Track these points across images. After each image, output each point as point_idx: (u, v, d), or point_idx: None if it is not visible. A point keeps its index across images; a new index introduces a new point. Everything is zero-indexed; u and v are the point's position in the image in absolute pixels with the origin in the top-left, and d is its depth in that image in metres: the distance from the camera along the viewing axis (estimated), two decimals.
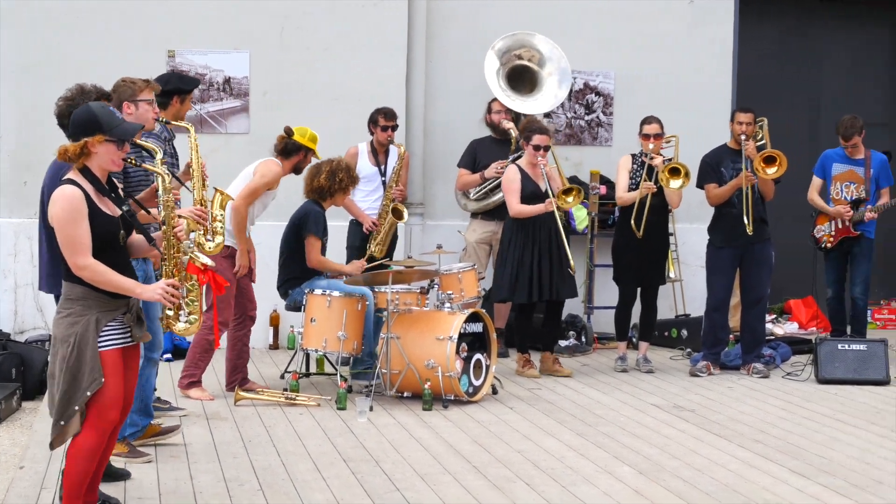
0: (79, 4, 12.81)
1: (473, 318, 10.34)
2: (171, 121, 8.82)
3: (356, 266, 10.99)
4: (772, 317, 14.09)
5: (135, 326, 6.41)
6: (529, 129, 11.39)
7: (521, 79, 13.12)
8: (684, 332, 13.23)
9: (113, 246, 6.28)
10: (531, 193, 11.28)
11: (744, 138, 11.49)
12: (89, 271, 6.13)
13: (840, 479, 7.86)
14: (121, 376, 6.29)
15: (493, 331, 10.54)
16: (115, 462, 7.68)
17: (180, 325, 6.69)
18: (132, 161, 6.84)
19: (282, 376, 11.08)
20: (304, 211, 10.83)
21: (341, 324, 10.27)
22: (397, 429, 9.23)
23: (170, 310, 6.61)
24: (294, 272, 10.82)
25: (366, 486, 7.59)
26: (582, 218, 13.29)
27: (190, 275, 6.67)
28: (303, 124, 10.69)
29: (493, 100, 12.86)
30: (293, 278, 10.83)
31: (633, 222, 11.58)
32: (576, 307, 13.30)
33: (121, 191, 6.74)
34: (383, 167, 12.36)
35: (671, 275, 12.84)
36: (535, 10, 13.72)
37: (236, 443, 8.72)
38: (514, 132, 12.41)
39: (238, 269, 10.21)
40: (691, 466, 8.17)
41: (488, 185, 12.58)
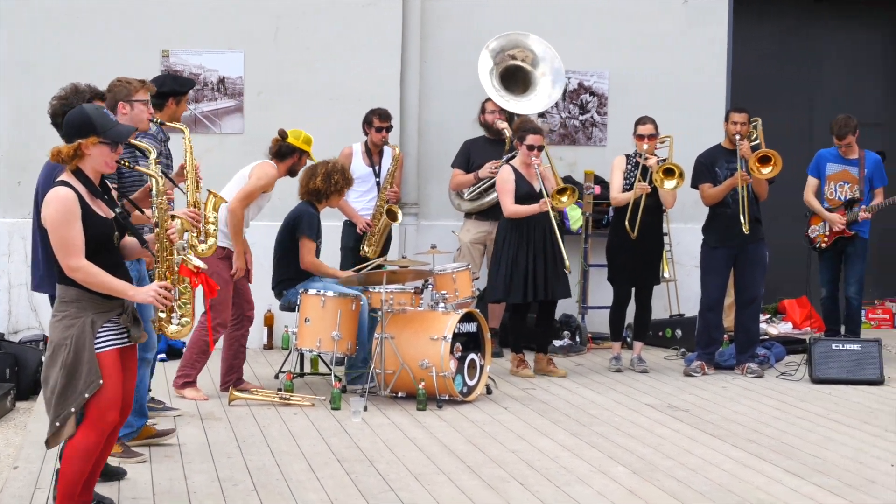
0: (74, 4, 12.80)
1: (468, 318, 10.34)
2: (167, 122, 8.82)
3: (349, 276, 10.94)
4: (766, 317, 14.10)
5: (132, 327, 6.41)
6: (523, 130, 11.39)
7: (515, 79, 13.12)
8: (678, 332, 13.24)
9: (107, 248, 6.27)
10: (525, 194, 11.28)
11: (738, 138, 11.50)
12: (82, 273, 6.12)
13: (834, 479, 7.87)
14: (119, 377, 6.28)
15: (488, 331, 10.54)
16: (110, 461, 7.67)
17: (172, 327, 6.68)
18: (125, 163, 6.84)
19: (276, 376, 11.08)
20: (299, 212, 10.83)
21: (335, 324, 10.27)
22: (391, 429, 9.23)
23: (162, 312, 6.61)
24: (288, 273, 10.82)
25: (360, 486, 7.59)
26: (576, 218, 13.30)
27: (183, 277, 6.66)
28: (297, 124, 10.70)
29: (487, 100, 12.86)
30: (287, 279, 10.83)
31: (627, 223, 11.58)
32: (570, 307, 13.31)
33: (115, 191, 6.74)
34: (377, 168, 12.36)
35: (665, 275, 12.87)
36: (530, 11, 13.72)
37: (230, 443, 8.72)
38: (508, 132, 12.40)
39: (235, 271, 10.22)
40: (685, 466, 8.17)
41: (482, 186, 12.58)
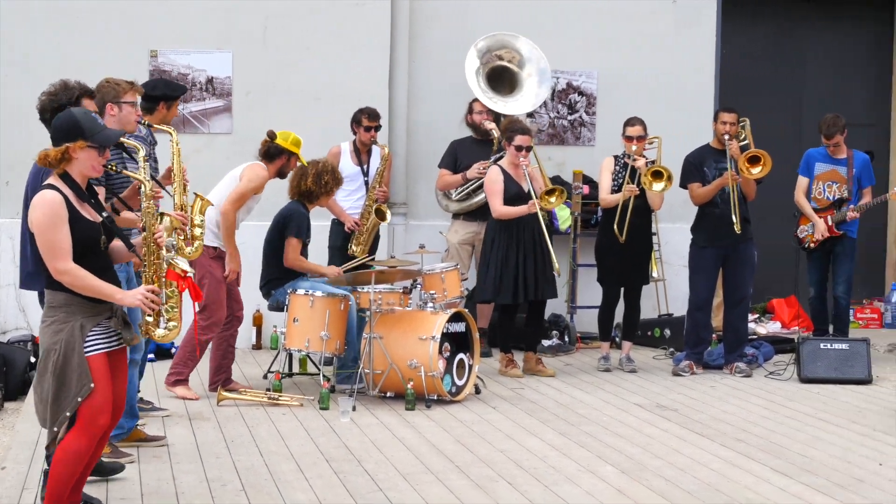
0: (61, 4, 12.78)
1: (456, 318, 10.34)
2: (155, 125, 8.81)
3: (333, 270, 10.96)
4: (754, 316, 14.11)
5: (123, 330, 6.41)
6: (511, 130, 11.39)
7: (501, 79, 13.11)
8: (667, 332, 13.25)
9: (94, 251, 6.26)
10: (514, 194, 11.28)
11: (727, 138, 11.51)
12: (70, 276, 6.11)
13: (822, 478, 7.88)
14: (109, 380, 6.27)
15: (476, 330, 10.55)
16: (104, 459, 7.70)
17: (160, 331, 6.67)
18: (113, 167, 6.83)
19: (265, 376, 11.08)
20: (289, 211, 10.83)
21: (324, 324, 10.26)
22: (380, 428, 9.23)
23: (149, 316, 6.60)
24: (276, 272, 10.81)
25: (348, 485, 7.59)
26: (565, 218, 13.30)
27: (170, 281, 6.65)
28: (286, 124, 10.71)
29: (475, 100, 12.85)
30: (275, 278, 10.83)
31: (615, 227, 11.59)
32: (559, 307, 13.31)
33: (104, 191, 6.73)
34: (366, 167, 12.36)
35: (654, 274, 12.88)
36: (519, 11, 13.72)
37: (219, 443, 8.71)
38: (496, 133, 12.40)
39: (228, 273, 10.22)
40: (674, 466, 8.18)
41: (470, 186, 12.57)
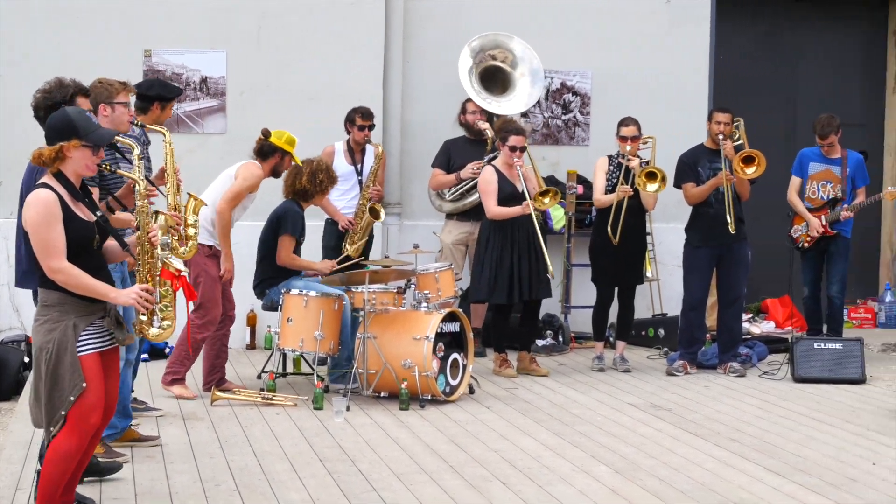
0: (55, 4, 12.76)
1: (450, 318, 10.34)
2: (148, 125, 8.80)
3: (326, 265, 10.99)
4: (748, 316, 14.11)
5: (116, 329, 6.40)
6: (505, 130, 11.40)
7: (494, 79, 13.11)
8: (661, 332, 13.25)
9: (87, 251, 6.26)
10: (508, 195, 11.28)
11: (721, 138, 11.52)
12: (63, 275, 6.11)
13: (815, 478, 7.89)
14: (100, 380, 6.27)
15: (470, 330, 10.55)
16: (102, 459, 7.73)
17: (154, 330, 6.66)
18: (107, 167, 6.82)
19: (258, 376, 11.07)
20: (283, 210, 10.83)
21: (318, 324, 10.26)
22: (374, 428, 9.23)
23: (143, 315, 6.59)
24: (270, 272, 10.81)
25: (342, 486, 7.59)
26: (559, 217, 13.30)
27: (164, 280, 6.65)
28: (280, 124, 10.69)
29: (468, 100, 12.85)
30: (269, 278, 10.82)
31: (609, 228, 11.59)
32: (553, 307, 13.31)
33: (98, 191, 6.73)
34: (359, 166, 12.36)
35: (648, 274, 12.87)
36: (513, 10, 13.72)
37: (213, 443, 8.71)
38: (490, 133, 12.40)
39: (224, 272, 10.22)
40: (668, 465, 8.19)
41: (464, 186, 12.57)
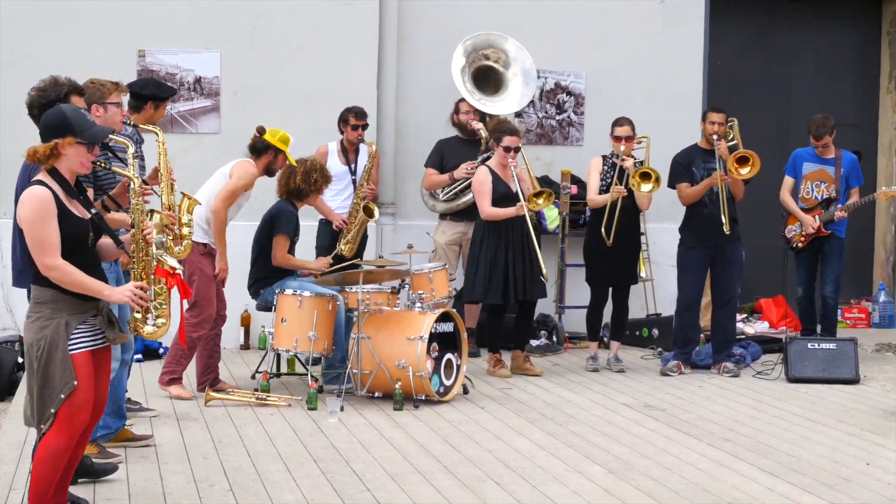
0: (49, 4, 12.75)
1: (444, 318, 10.34)
2: (141, 125, 8.80)
3: (321, 263, 11.01)
4: (742, 316, 14.14)
5: (107, 328, 6.39)
6: (500, 131, 11.40)
7: (487, 79, 13.12)
8: (655, 332, 13.26)
9: (82, 248, 6.26)
10: (502, 195, 11.28)
11: (716, 138, 11.52)
12: (58, 272, 6.11)
13: (809, 478, 7.89)
14: (91, 379, 6.27)
15: (464, 330, 10.55)
16: (97, 460, 7.73)
17: (148, 328, 6.66)
18: (101, 164, 6.82)
19: (253, 376, 11.06)
20: (278, 210, 10.83)
21: (312, 324, 10.26)
22: (368, 429, 9.23)
23: (138, 313, 6.59)
24: (265, 272, 10.80)
25: (336, 486, 7.59)
26: (553, 217, 13.29)
27: (158, 278, 6.65)
28: (274, 124, 10.68)
29: (461, 100, 12.85)
30: (264, 278, 10.82)
31: (603, 229, 11.59)
32: (547, 307, 13.31)
33: (93, 191, 6.72)
34: (353, 166, 12.36)
35: (642, 274, 12.88)
36: (507, 10, 13.73)
37: (207, 443, 8.70)
38: (484, 133, 12.41)
39: (218, 271, 10.21)
40: (661, 465, 8.19)
41: (458, 186, 12.57)
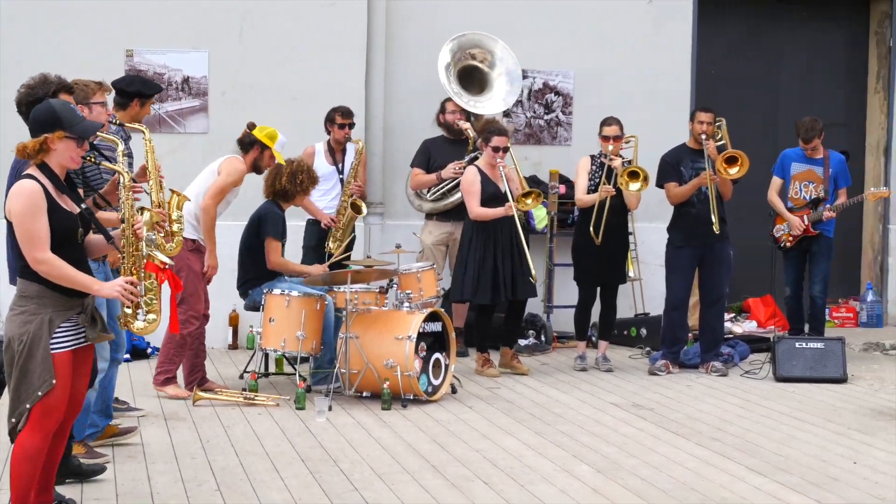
0: (35, 3, 12.73)
1: (432, 318, 10.34)
2: (127, 123, 8.79)
3: (318, 269, 10.98)
4: (731, 315, 14.14)
5: (89, 327, 6.38)
6: (488, 131, 11.40)
7: (471, 79, 13.12)
8: (643, 331, 13.27)
9: (71, 242, 6.26)
10: (491, 195, 11.29)
11: (704, 138, 11.53)
12: (47, 266, 6.11)
13: (797, 477, 7.90)
14: (68, 379, 6.27)
15: (453, 330, 10.55)
16: (84, 461, 7.72)
17: (138, 323, 6.65)
18: (91, 159, 6.82)
19: (241, 376, 11.06)
20: (264, 211, 10.82)
21: (300, 323, 10.25)
22: (356, 428, 9.22)
23: (128, 308, 6.58)
24: (253, 272, 10.80)
25: (324, 485, 7.59)
26: (541, 217, 13.28)
27: (149, 273, 6.64)
28: (262, 124, 10.67)
29: (447, 100, 12.85)
30: (252, 278, 10.81)
31: (591, 228, 11.59)
32: (535, 306, 13.31)
33: (82, 191, 6.71)
34: (341, 165, 12.36)
35: (631, 274, 12.89)
36: (494, 10, 13.72)
37: (194, 443, 8.70)
38: (472, 133, 12.41)
39: (207, 269, 10.21)
40: (649, 465, 8.19)
41: (446, 186, 12.56)
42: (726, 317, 13.03)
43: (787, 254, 12.67)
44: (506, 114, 13.55)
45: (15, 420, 6.20)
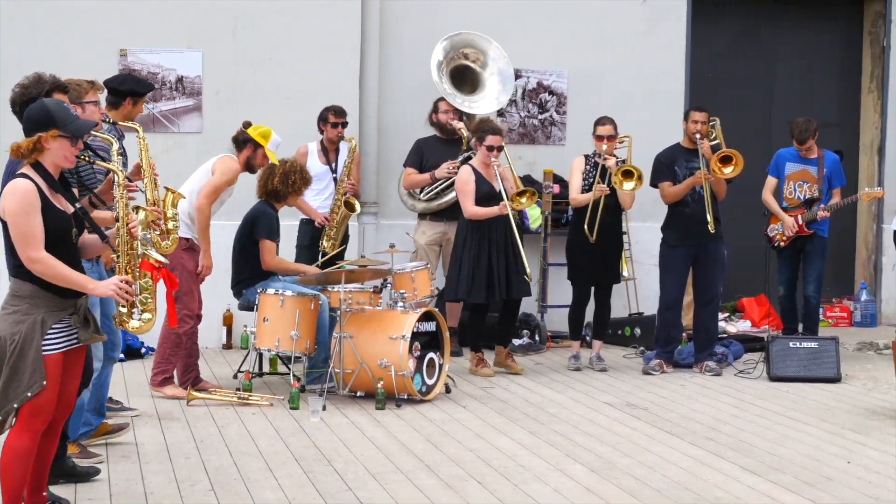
0: (30, 3, 12.71)
1: (426, 318, 10.34)
2: (120, 121, 8.79)
3: (314, 270, 10.98)
4: (724, 315, 14.14)
5: (81, 328, 6.37)
6: (483, 130, 11.40)
7: (463, 78, 13.11)
8: (637, 331, 13.26)
9: (65, 242, 6.26)
10: (486, 194, 11.29)
11: (698, 137, 11.54)
12: (41, 265, 6.11)
13: (791, 476, 7.91)
14: (58, 381, 6.26)
15: (447, 330, 10.54)
16: (79, 462, 7.73)
17: (133, 322, 6.65)
18: (86, 158, 6.81)
19: (235, 376, 11.04)
20: (257, 212, 10.82)
21: (294, 323, 10.25)
22: (350, 428, 9.22)
23: (123, 307, 6.57)
24: (247, 272, 10.79)
25: (318, 485, 7.59)
26: (536, 217, 13.30)
27: (144, 272, 6.63)
28: (256, 124, 10.67)
29: (440, 99, 12.84)
30: (246, 278, 10.80)
31: (585, 227, 11.59)
32: (530, 306, 13.30)
33: (77, 191, 6.70)
34: (334, 165, 12.35)
35: (625, 273, 12.88)
36: (489, 10, 13.72)
37: (188, 443, 8.69)
38: (465, 132, 12.41)
39: (201, 269, 10.21)
40: (643, 464, 8.20)
41: (440, 186, 12.56)
42: (720, 316, 13.03)
43: (781, 253, 12.67)
44: (500, 113, 13.55)
45: (2, 418, 6.19)
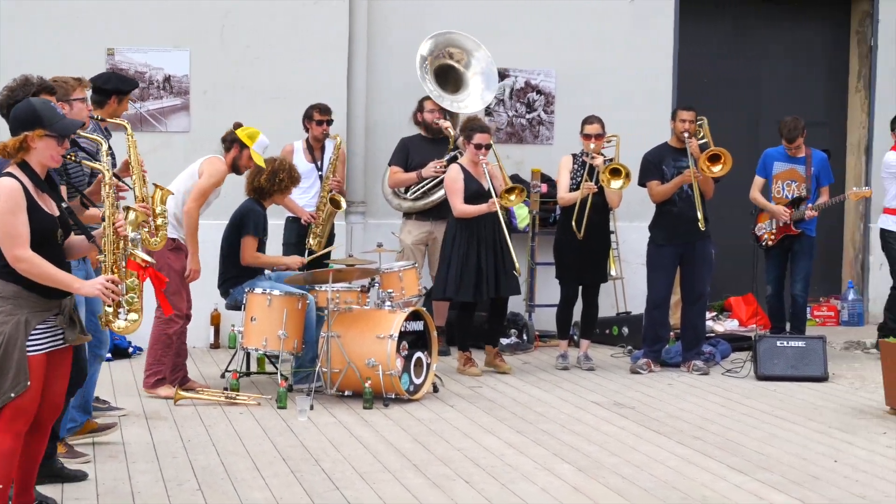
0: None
1: (414, 317, 10.34)
2: (105, 119, 8.78)
3: (295, 259, 10.99)
4: (712, 314, 14.15)
5: (67, 329, 6.36)
6: (471, 129, 11.41)
7: (447, 77, 13.10)
8: (625, 330, 13.27)
9: (50, 243, 6.24)
10: (474, 192, 11.29)
11: (686, 136, 11.55)
12: (27, 263, 6.09)
13: (778, 475, 7.92)
14: (41, 382, 6.24)
15: (434, 329, 10.54)
16: (68, 464, 7.71)
17: (119, 322, 6.64)
18: (73, 157, 6.80)
19: (222, 375, 11.03)
20: (245, 209, 10.81)
21: (282, 322, 10.24)
22: (337, 427, 9.21)
23: (109, 306, 6.56)
24: (234, 271, 10.78)
25: (305, 484, 7.58)
26: (523, 216, 13.31)
27: (130, 272, 6.62)
28: (244, 123, 10.66)
29: (426, 98, 12.84)
30: (233, 277, 10.79)
31: (573, 224, 11.60)
32: (517, 305, 13.31)
33: (66, 189, 6.69)
34: (319, 163, 12.35)
35: (612, 272, 12.88)
36: (476, 10, 13.71)
37: (175, 442, 8.68)
38: (452, 131, 12.40)
39: (189, 273, 10.19)
40: (630, 463, 8.20)
41: (426, 185, 12.55)
42: (708, 315, 13.05)
43: (769, 252, 12.69)
44: (487, 112, 13.55)
45: None
